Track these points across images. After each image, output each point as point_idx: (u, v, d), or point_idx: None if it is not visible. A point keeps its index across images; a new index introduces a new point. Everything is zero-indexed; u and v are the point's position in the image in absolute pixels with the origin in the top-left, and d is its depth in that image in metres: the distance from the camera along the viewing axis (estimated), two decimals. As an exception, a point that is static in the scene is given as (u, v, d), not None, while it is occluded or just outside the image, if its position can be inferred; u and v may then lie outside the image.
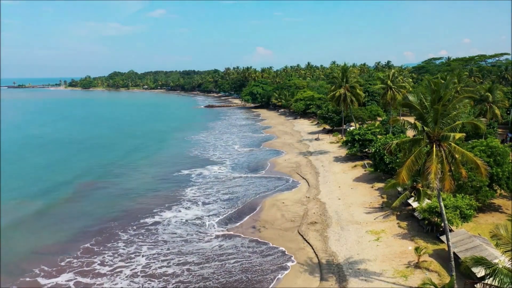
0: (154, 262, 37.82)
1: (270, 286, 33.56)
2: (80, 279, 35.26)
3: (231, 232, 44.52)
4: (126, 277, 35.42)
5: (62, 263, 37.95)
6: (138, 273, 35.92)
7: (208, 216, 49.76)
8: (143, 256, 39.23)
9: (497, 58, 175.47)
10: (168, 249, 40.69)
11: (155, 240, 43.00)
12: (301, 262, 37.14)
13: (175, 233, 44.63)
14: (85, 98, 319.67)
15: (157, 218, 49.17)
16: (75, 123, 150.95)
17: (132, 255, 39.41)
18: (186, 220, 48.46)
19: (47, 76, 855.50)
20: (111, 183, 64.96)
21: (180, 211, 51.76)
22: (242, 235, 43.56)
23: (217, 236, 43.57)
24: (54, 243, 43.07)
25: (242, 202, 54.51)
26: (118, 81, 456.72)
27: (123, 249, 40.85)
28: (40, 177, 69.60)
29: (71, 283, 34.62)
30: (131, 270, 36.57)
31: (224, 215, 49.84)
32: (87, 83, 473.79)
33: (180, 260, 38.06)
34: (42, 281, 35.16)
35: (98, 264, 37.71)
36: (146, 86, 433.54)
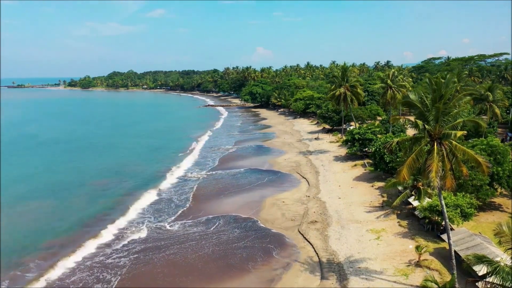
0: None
1: (271, 286, 33.49)
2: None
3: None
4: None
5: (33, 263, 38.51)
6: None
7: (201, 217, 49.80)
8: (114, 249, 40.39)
9: (496, 58, 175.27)
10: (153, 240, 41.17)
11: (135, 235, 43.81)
12: (301, 261, 37.07)
13: (159, 230, 44.89)
14: (85, 98, 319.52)
15: (134, 215, 49.91)
16: (76, 123, 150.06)
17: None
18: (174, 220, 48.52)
19: (46, 76, 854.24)
20: (112, 183, 65.00)
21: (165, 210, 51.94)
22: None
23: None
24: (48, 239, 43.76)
25: (240, 200, 54.51)
26: (117, 81, 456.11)
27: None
28: (45, 178, 69.23)
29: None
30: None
31: (221, 214, 49.87)
32: (86, 83, 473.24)
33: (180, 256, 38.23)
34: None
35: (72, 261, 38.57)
36: (145, 86, 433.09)
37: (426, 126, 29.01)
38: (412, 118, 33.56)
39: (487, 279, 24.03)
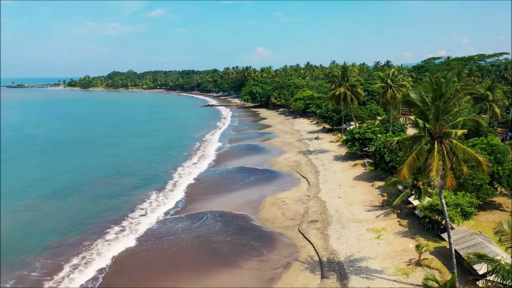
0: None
1: (271, 285, 33.47)
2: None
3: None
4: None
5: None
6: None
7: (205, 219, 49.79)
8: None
9: (496, 58, 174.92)
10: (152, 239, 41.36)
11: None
12: (301, 260, 37.06)
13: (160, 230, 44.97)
14: (85, 98, 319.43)
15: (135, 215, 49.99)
16: (77, 123, 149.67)
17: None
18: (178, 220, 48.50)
19: (46, 76, 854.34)
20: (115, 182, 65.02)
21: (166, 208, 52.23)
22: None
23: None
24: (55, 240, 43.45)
25: (240, 198, 54.48)
26: (117, 81, 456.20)
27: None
28: (47, 179, 68.94)
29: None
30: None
31: (221, 213, 49.85)
32: (86, 83, 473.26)
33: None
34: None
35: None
36: (145, 86, 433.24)
37: (427, 125, 29.00)
38: (412, 117, 33.56)
39: (487, 278, 24.04)
